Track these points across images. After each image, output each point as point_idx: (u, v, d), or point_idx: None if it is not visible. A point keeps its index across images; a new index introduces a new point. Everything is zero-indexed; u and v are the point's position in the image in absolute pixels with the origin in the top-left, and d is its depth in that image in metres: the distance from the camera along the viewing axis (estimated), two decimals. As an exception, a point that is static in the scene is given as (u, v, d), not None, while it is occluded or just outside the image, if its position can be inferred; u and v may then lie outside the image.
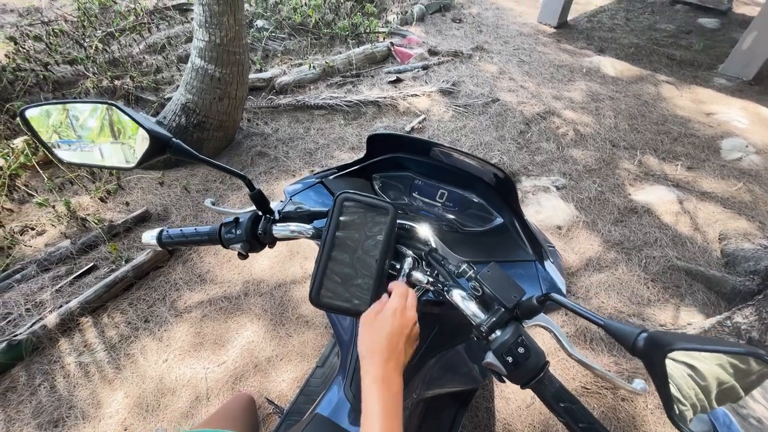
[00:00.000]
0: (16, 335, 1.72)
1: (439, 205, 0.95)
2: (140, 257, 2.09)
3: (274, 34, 4.23)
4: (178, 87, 2.73)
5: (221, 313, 1.95)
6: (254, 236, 0.70)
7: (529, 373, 0.53)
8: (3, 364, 1.66)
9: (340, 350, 0.90)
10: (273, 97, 3.47)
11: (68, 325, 1.84)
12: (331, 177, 0.91)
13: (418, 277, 0.71)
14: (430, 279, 0.70)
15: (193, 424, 1.58)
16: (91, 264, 2.09)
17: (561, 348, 0.61)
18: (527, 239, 0.88)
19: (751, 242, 2.26)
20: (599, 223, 2.45)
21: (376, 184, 0.95)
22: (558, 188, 2.66)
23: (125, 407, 1.62)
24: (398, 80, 3.76)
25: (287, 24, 4.33)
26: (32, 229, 2.26)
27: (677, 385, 0.41)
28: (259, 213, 0.72)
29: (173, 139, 0.57)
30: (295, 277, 2.12)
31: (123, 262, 2.09)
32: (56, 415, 1.58)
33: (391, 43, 4.23)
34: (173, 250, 2.25)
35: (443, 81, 3.73)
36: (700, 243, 2.35)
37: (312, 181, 0.89)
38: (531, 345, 0.55)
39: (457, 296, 0.63)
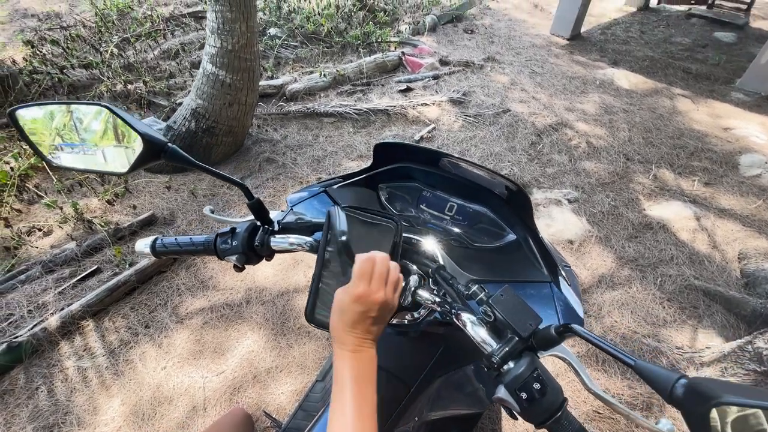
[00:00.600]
0: (17, 337, 1.70)
1: (448, 218, 0.91)
2: (144, 261, 2.07)
3: (286, 42, 4.27)
4: (190, 92, 2.74)
5: (222, 320, 1.92)
6: (251, 248, 0.66)
7: (546, 412, 0.48)
8: (2, 366, 1.64)
9: None
10: (283, 104, 3.48)
11: (69, 328, 1.83)
12: (335, 186, 0.87)
13: (424, 295, 0.66)
14: (437, 299, 0.65)
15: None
16: (95, 267, 2.08)
17: (579, 381, 0.56)
18: (542, 258, 0.83)
19: (773, 263, 2.16)
20: (612, 238, 2.37)
21: (383, 194, 0.91)
22: (570, 201, 2.59)
23: (121, 415, 1.58)
24: (408, 89, 3.75)
25: (300, 32, 4.37)
26: (39, 230, 2.26)
27: None
28: (258, 223, 0.68)
29: (168, 143, 0.54)
30: (298, 286, 2.08)
31: (127, 266, 2.08)
32: (52, 420, 1.55)
33: (402, 52, 4.23)
34: (177, 254, 2.23)
35: (454, 91, 3.70)
36: (718, 262, 2.26)
37: (315, 190, 0.86)
38: (548, 380, 0.50)
39: (467, 321, 0.58)
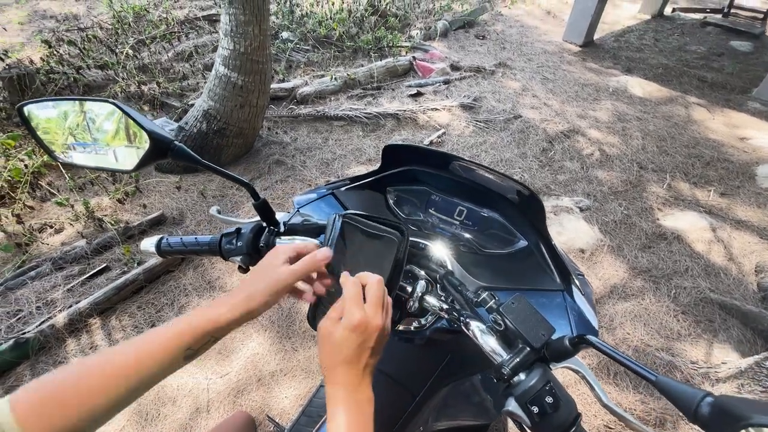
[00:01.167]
0: (24, 333, 1.71)
1: (457, 223, 0.89)
2: (152, 260, 2.08)
3: (298, 46, 4.30)
4: (202, 94, 2.77)
5: (228, 322, 1.91)
6: (255, 249, 0.65)
7: (558, 428, 0.45)
8: (9, 362, 1.65)
9: None
10: (294, 106, 3.50)
11: (76, 325, 1.83)
12: (343, 189, 0.86)
13: (432, 302, 0.64)
14: (445, 306, 0.63)
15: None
16: (104, 265, 2.09)
17: (593, 396, 0.54)
18: (554, 266, 0.80)
19: (793, 277, 2.10)
20: (625, 248, 2.32)
21: (391, 198, 0.90)
22: (581, 209, 2.55)
23: (124, 414, 1.58)
24: (419, 94, 3.74)
25: (312, 36, 4.40)
26: (51, 227, 2.29)
27: None
28: (263, 224, 0.67)
29: (175, 141, 0.53)
30: (305, 289, 2.07)
31: (135, 265, 2.09)
32: (56, 418, 1.55)
33: (413, 57, 4.23)
34: (185, 254, 2.23)
35: (464, 96, 3.69)
36: (734, 275, 2.20)
37: (323, 192, 0.84)
38: (560, 393, 0.47)
39: (476, 329, 0.56)
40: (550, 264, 0.82)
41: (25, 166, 2.40)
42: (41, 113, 0.52)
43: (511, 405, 0.49)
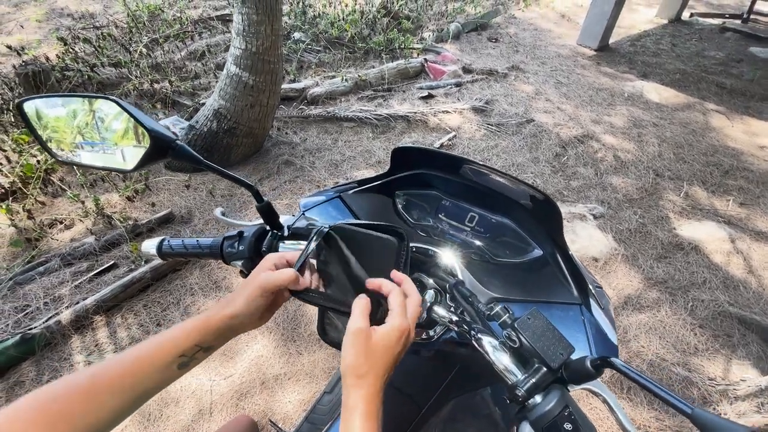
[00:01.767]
0: (31, 329, 1.72)
1: (468, 229, 0.85)
2: (158, 259, 2.07)
3: (310, 47, 4.30)
4: (213, 93, 2.77)
5: (233, 322, 1.90)
6: (257, 253, 0.62)
7: None
8: (14, 357, 1.65)
9: None
10: (304, 107, 3.49)
11: (82, 322, 1.83)
12: (350, 192, 0.83)
13: (441, 313, 0.61)
14: (455, 317, 0.60)
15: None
16: (112, 262, 2.09)
17: (614, 420, 0.50)
18: (571, 277, 0.76)
19: (817, 292, 2.02)
20: (640, 257, 2.26)
21: (399, 202, 0.86)
22: (595, 217, 2.49)
23: (127, 414, 1.57)
24: (430, 96, 3.71)
25: (324, 37, 4.39)
26: (61, 222, 2.30)
27: None
28: (267, 228, 0.64)
29: (177, 140, 0.51)
30: (311, 292, 2.04)
31: (142, 263, 2.09)
32: (59, 416, 1.54)
33: (424, 59, 4.20)
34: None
35: (476, 99, 3.64)
36: (754, 288, 2.12)
37: (330, 195, 0.82)
38: (581, 419, 0.44)
39: (488, 345, 0.53)
40: (567, 275, 0.77)
41: (38, 161, 2.42)
42: (41, 110, 0.50)
43: (526, 430, 0.46)
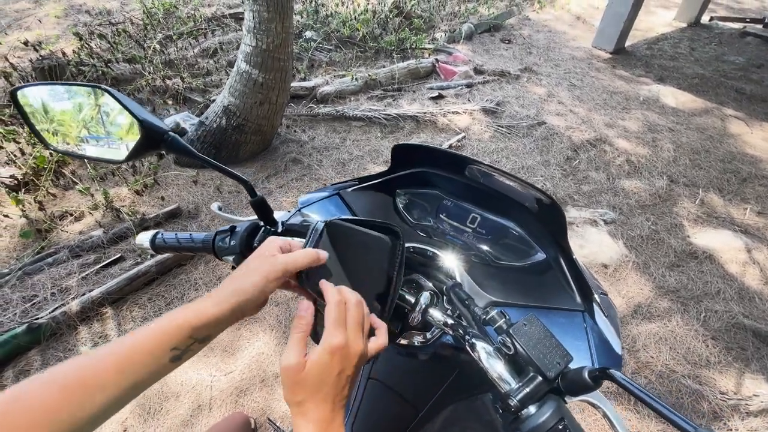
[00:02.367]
0: (37, 318, 1.74)
1: (470, 231, 0.83)
2: (165, 253, 2.09)
3: (321, 46, 4.30)
4: (223, 89, 2.78)
5: (235, 319, 1.90)
6: (249, 248, 0.61)
7: None
8: (20, 347, 1.67)
9: None
10: (313, 105, 3.49)
11: (88, 313, 1.85)
12: (350, 189, 0.81)
13: (436, 315, 0.59)
14: (450, 321, 0.58)
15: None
16: (119, 255, 2.11)
17: None
18: (575, 282, 0.73)
19: (838, 306, 1.94)
20: (652, 265, 2.20)
21: (400, 201, 0.84)
22: (606, 222, 2.43)
23: (128, 406, 1.57)
24: (440, 96, 3.68)
25: (335, 36, 4.40)
26: (71, 215, 2.33)
27: None
28: (260, 223, 0.63)
29: (169, 132, 0.50)
30: (314, 290, 2.03)
31: (148, 256, 2.10)
32: (62, 405, 1.56)
33: (436, 59, 4.17)
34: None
35: (487, 100, 3.60)
36: (771, 300, 2.05)
37: (329, 192, 0.80)
38: None
39: (482, 351, 0.51)
40: (570, 280, 0.75)
41: (50, 154, 2.46)
42: (35, 99, 0.50)
43: None
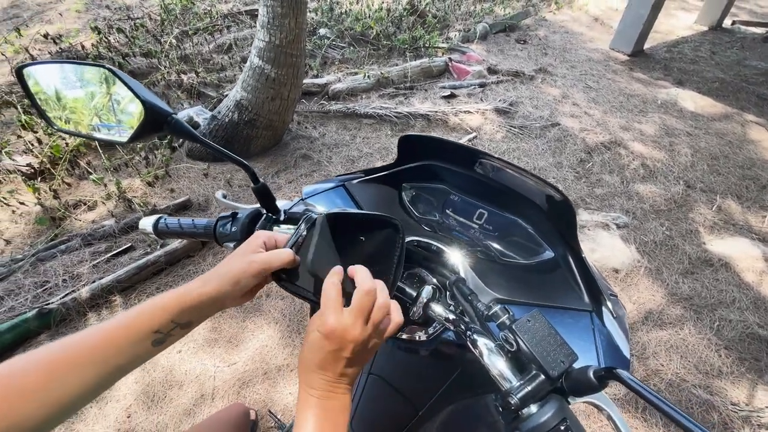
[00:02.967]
0: (48, 304, 1.77)
1: (476, 227, 0.81)
2: (174, 243, 2.11)
3: (334, 43, 4.31)
4: (236, 84, 2.81)
5: (240, 311, 1.91)
6: (250, 235, 0.61)
7: None
8: (31, 331, 1.71)
9: None
10: (325, 102, 3.50)
11: (97, 300, 1.88)
12: (355, 181, 0.80)
13: (437, 310, 0.58)
14: (452, 316, 0.57)
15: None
16: (129, 244, 2.14)
17: None
18: (584, 282, 0.71)
19: None
20: (665, 271, 2.14)
21: (406, 195, 0.83)
22: (619, 227, 2.38)
23: (133, 393, 1.60)
24: (452, 96, 3.65)
25: (348, 34, 4.40)
26: (84, 204, 2.37)
27: None
28: (262, 210, 0.63)
29: (173, 114, 0.50)
30: (320, 285, 2.04)
31: (158, 247, 2.13)
32: (69, 390, 1.59)
33: (449, 58, 4.14)
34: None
35: (500, 100, 3.57)
36: (789, 311, 1.98)
37: (334, 183, 0.79)
38: None
39: (483, 347, 0.49)
40: (579, 280, 0.72)
41: (66, 144, 2.51)
42: (41, 77, 0.50)
43: None
